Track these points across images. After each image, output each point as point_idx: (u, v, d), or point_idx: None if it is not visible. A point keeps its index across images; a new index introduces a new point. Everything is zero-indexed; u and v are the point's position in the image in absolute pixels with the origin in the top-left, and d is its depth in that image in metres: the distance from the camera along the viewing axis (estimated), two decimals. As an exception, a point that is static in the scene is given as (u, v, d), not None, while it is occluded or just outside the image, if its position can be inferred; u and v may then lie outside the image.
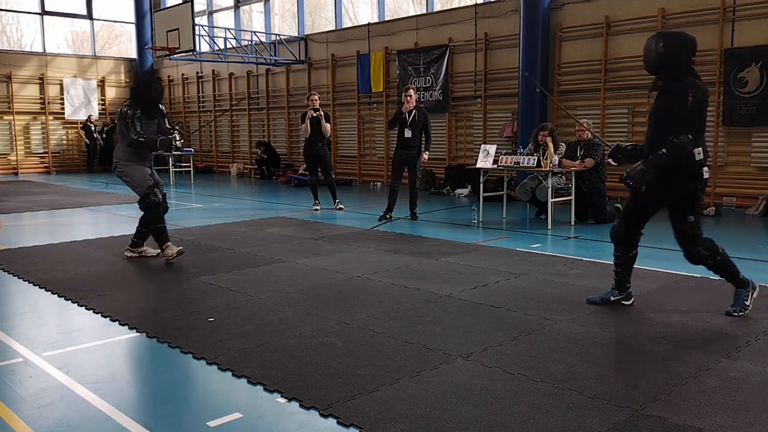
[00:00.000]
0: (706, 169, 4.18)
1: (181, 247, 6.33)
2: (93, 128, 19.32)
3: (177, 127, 6.65)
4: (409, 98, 8.68)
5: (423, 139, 8.79)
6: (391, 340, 3.87)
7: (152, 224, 6.25)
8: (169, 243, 6.26)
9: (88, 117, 19.46)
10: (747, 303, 4.27)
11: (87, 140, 19.39)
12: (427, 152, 8.87)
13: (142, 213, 6.32)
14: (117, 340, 4.01)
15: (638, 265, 5.82)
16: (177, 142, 6.32)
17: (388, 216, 8.87)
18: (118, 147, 6.31)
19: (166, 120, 6.48)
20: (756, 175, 9.45)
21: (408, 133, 8.69)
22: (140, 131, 6.03)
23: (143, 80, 6.36)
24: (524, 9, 11.10)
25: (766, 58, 9.07)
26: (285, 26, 18.41)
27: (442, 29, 13.23)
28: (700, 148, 4.08)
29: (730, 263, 4.26)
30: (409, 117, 8.68)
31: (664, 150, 4.03)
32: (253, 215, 9.67)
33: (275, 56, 16.37)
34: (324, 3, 17.32)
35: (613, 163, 4.85)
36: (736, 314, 4.23)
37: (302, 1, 16.94)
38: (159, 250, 6.33)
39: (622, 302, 4.59)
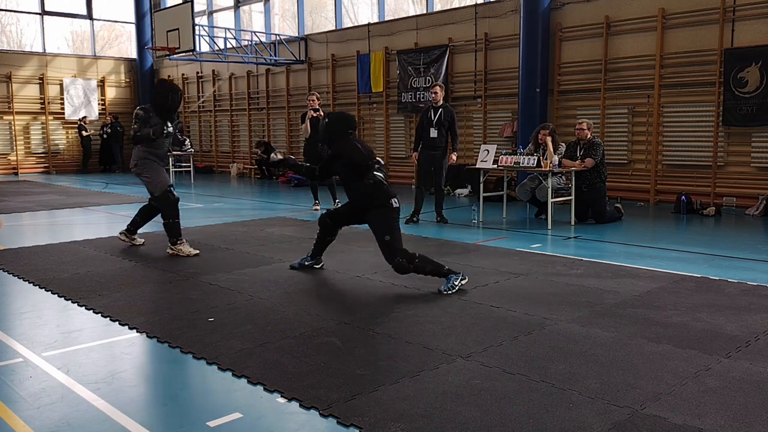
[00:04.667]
0: (395, 200, 5.16)
1: (198, 251, 6.56)
2: (86, 129, 19.43)
3: (187, 139, 7.16)
4: (435, 95, 8.50)
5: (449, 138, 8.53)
6: (391, 340, 3.87)
7: (172, 217, 6.57)
8: (183, 240, 6.59)
9: (83, 118, 19.52)
10: (456, 283, 4.96)
11: (82, 141, 19.56)
12: (455, 152, 8.61)
13: (161, 209, 6.68)
14: (117, 340, 4.00)
15: (638, 265, 5.86)
16: (188, 148, 6.94)
17: (415, 219, 8.62)
18: (137, 148, 6.64)
19: (179, 132, 6.92)
20: (756, 175, 9.45)
21: (433, 133, 8.40)
22: (138, 128, 6.45)
23: (161, 88, 6.64)
24: (524, 9, 11.11)
25: (766, 58, 9.07)
26: (285, 26, 18.41)
27: (442, 29, 13.23)
28: (381, 175, 5.25)
29: (431, 261, 5.08)
30: (434, 116, 8.44)
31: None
32: (253, 215, 9.67)
33: (275, 56, 16.37)
34: (324, 3, 17.32)
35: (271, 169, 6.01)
36: (447, 292, 4.88)
37: (302, 1, 16.95)
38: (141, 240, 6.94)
39: (314, 266, 5.83)
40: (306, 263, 5.82)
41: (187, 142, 7.09)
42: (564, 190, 8.82)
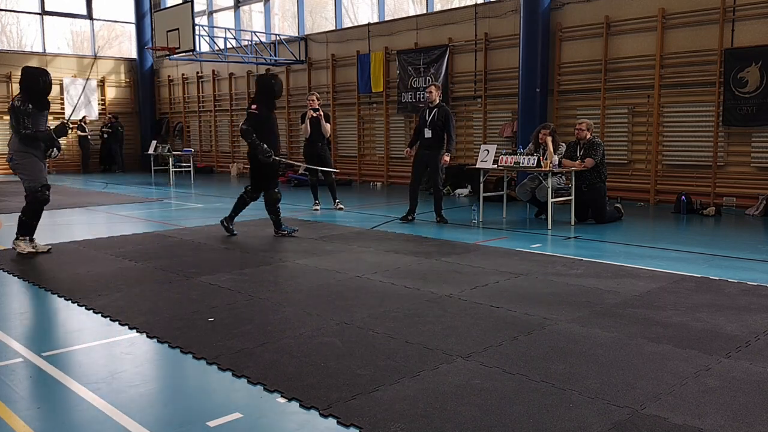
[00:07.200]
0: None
1: (49, 247, 6.70)
2: (84, 129, 19.54)
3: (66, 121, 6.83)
4: (429, 94, 8.56)
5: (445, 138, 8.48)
6: (391, 340, 3.87)
7: (33, 219, 6.56)
8: (27, 239, 6.61)
9: (83, 118, 19.56)
10: None
11: (80, 141, 19.73)
12: (448, 153, 8.48)
13: (26, 205, 6.58)
14: (117, 340, 4.00)
15: (638, 265, 5.86)
16: (69, 131, 6.77)
17: (409, 218, 8.66)
18: (13, 139, 6.41)
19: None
20: (756, 175, 9.45)
21: (428, 133, 8.44)
22: (29, 126, 6.24)
23: (31, 73, 6.45)
24: (524, 9, 11.11)
25: (766, 58, 9.07)
26: (285, 26, 18.41)
27: (442, 29, 13.23)
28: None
29: None
30: (429, 116, 8.48)
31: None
32: (253, 215, 9.67)
33: (275, 56, 16.37)
34: (324, 3, 17.32)
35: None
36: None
37: (302, 1, 16.94)
38: (47, 246, 6.73)
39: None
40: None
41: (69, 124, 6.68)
42: (564, 190, 8.82)
